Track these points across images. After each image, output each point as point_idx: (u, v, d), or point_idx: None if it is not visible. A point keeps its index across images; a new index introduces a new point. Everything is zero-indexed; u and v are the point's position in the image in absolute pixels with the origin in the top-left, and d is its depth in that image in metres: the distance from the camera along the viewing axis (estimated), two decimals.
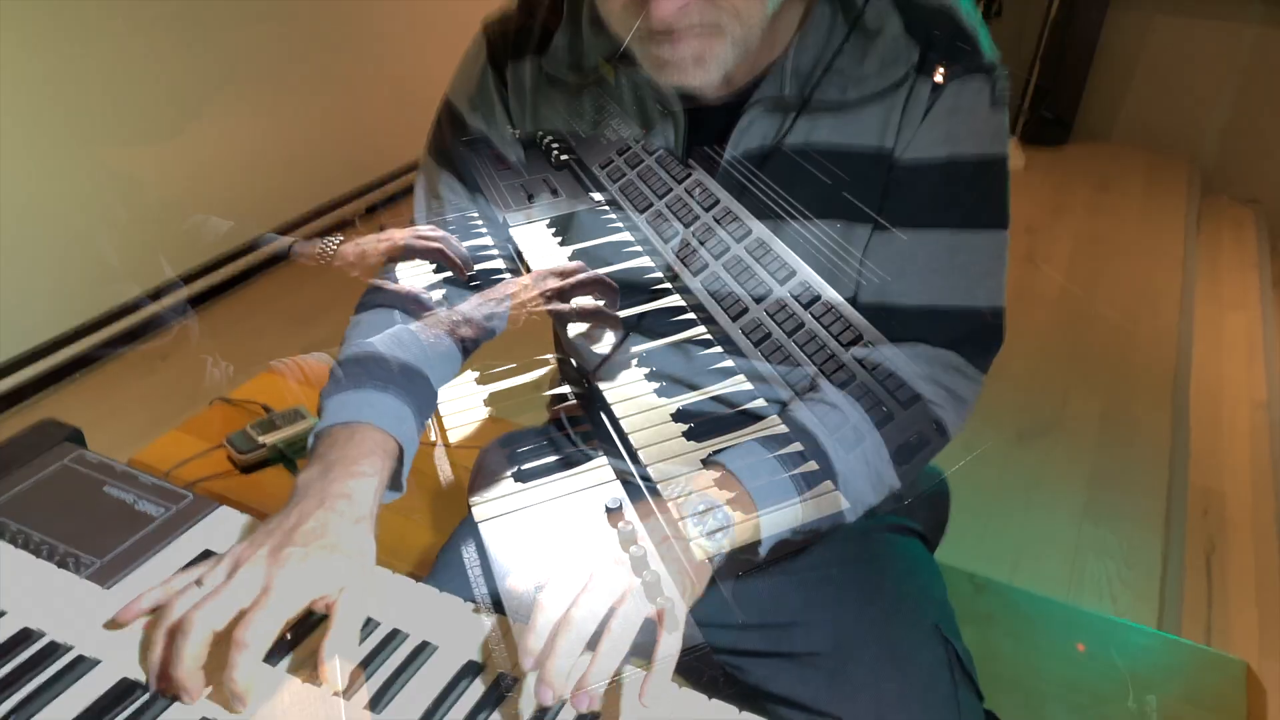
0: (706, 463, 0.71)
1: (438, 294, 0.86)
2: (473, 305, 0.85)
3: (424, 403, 0.79)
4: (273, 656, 0.60)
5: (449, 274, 0.87)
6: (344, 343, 0.82)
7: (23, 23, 1.89)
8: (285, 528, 0.63)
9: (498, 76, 0.85)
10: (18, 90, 1.92)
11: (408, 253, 0.87)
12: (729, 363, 0.79)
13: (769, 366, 0.76)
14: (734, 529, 0.66)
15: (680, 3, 0.64)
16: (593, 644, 0.57)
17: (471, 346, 0.90)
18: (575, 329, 0.84)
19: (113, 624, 0.62)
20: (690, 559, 0.64)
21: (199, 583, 0.60)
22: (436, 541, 1.12)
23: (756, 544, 0.68)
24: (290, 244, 0.92)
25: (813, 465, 0.70)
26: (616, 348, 0.83)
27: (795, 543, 0.72)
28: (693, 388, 0.82)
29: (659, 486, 0.69)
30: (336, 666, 0.58)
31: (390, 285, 0.86)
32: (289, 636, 0.62)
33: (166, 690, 0.57)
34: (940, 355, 0.76)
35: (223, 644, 0.57)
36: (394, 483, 0.73)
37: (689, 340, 0.80)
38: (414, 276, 0.86)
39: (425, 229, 0.87)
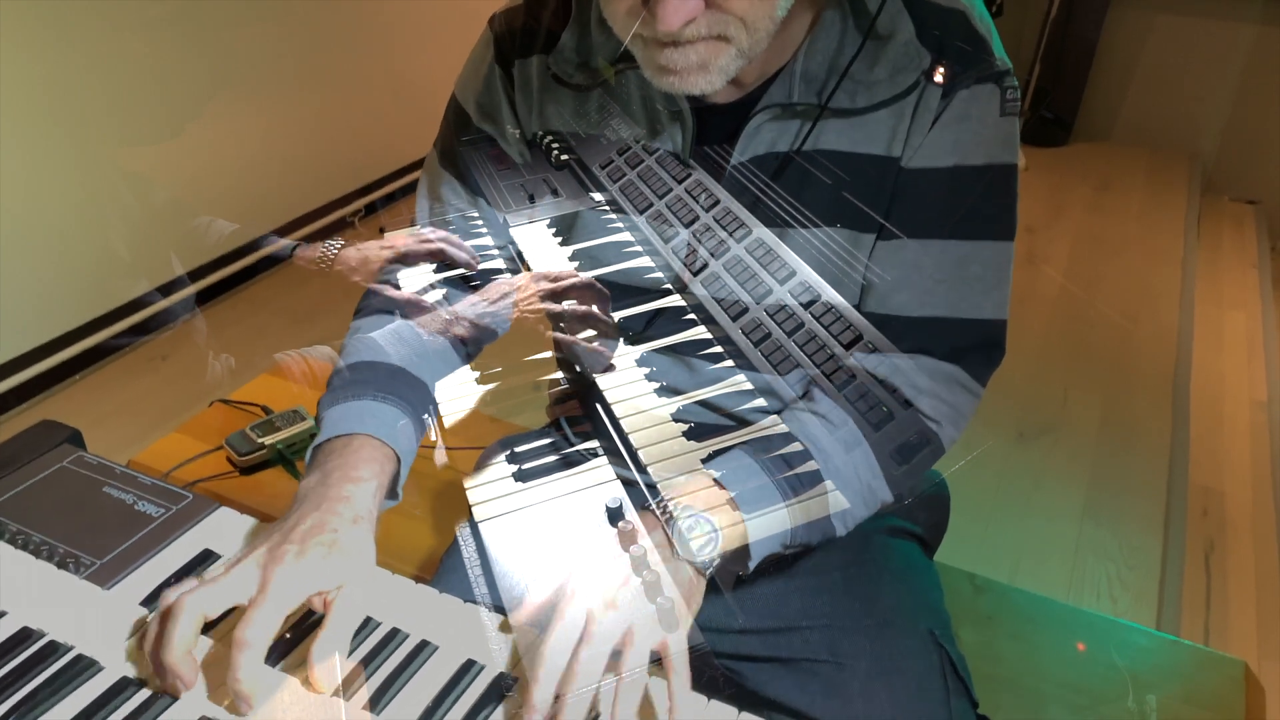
0: (694, 470, 0.70)
1: (437, 295, 0.86)
2: (467, 305, 0.85)
3: (421, 409, 0.79)
4: (271, 657, 0.60)
5: (449, 274, 0.86)
6: (343, 349, 0.82)
7: (22, 22, 1.89)
8: (284, 529, 0.63)
9: (505, 75, 0.84)
10: (17, 90, 1.92)
11: (411, 257, 0.87)
12: (729, 363, 0.79)
13: (769, 372, 0.75)
14: (720, 537, 0.66)
15: (686, 14, 0.62)
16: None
17: (474, 349, 0.89)
18: (568, 332, 0.84)
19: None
20: (683, 575, 0.64)
21: (199, 579, 0.61)
22: (438, 544, 1.12)
23: (746, 558, 0.68)
24: (292, 246, 0.92)
25: (802, 476, 0.70)
26: (612, 348, 0.83)
27: (786, 557, 0.72)
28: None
29: (647, 497, 0.69)
30: (329, 667, 0.58)
31: (389, 290, 0.86)
32: (288, 636, 0.62)
33: (164, 682, 0.57)
34: (942, 369, 0.75)
35: (227, 646, 0.56)
36: (391, 491, 0.73)
37: (688, 341, 0.81)
38: (414, 280, 0.86)
39: (426, 232, 0.87)
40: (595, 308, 0.82)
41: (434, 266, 0.86)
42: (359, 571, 0.62)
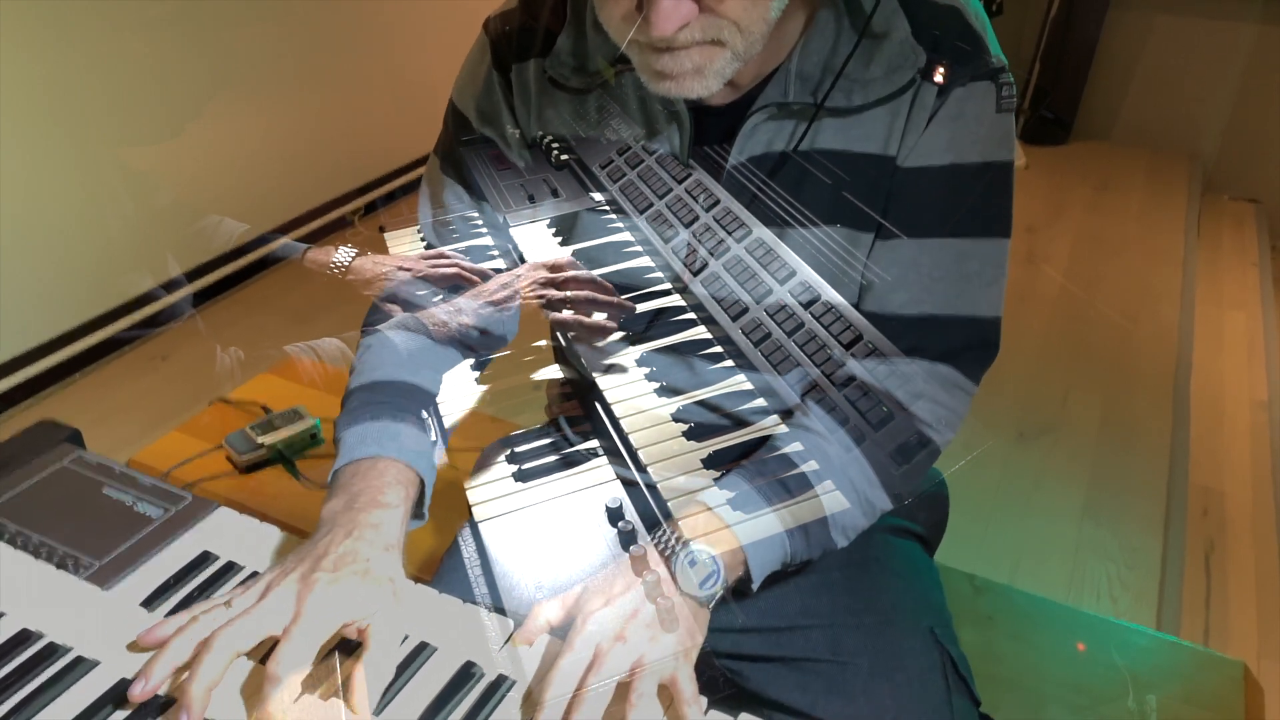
0: (698, 512, 0.70)
1: (446, 307, 0.85)
2: (470, 300, 0.85)
3: (441, 427, 0.78)
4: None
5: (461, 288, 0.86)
6: (354, 369, 0.81)
7: (22, 22, 1.89)
8: (314, 555, 0.62)
9: (502, 79, 0.84)
10: (17, 90, 1.92)
11: (425, 281, 0.86)
12: (729, 363, 0.79)
13: (769, 372, 0.75)
14: (723, 574, 0.65)
15: (680, 19, 0.63)
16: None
17: (485, 353, 0.89)
18: (566, 324, 0.84)
19: (135, 646, 0.61)
20: (687, 612, 0.64)
21: (228, 604, 0.60)
22: (438, 544, 1.12)
23: (748, 582, 0.68)
24: (303, 248, 0.91)
25: (799, 500, 0.69)
26: (613, 343, 0.83)
27: (788, 572, 0.72)
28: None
29: (650, 540, 0.69)
30: (367, 691, 0.57)
31: (394, 308, 0.85)
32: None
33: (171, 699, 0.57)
34: (938, 371, 0.74)
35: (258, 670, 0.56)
36: (416, 511, 0.73)
37: (688, 341, 0.81)
38: (420, 291, 0.86)
39: (436, 255, 0.86)
40: (596, 294, 0.82)
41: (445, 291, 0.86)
42: (392, 599, 0.62)
